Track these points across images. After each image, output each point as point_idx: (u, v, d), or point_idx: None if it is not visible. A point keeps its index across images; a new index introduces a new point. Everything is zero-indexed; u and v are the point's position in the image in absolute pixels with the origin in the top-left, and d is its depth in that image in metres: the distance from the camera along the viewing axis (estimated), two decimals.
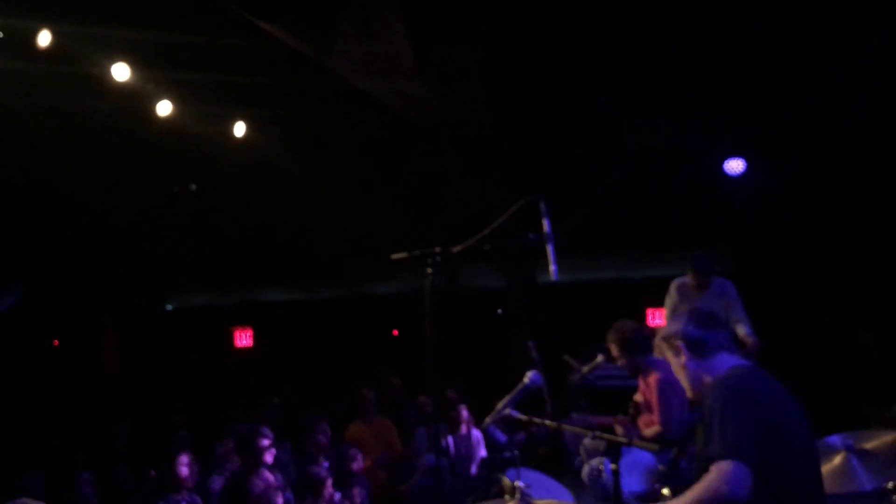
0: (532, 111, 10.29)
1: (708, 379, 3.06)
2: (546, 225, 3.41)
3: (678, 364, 3.20)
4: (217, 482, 6.62)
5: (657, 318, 10.66)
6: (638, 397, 5.64)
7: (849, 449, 3.73)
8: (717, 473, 2.77)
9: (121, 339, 15.16)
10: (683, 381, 3.21)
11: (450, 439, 7.71)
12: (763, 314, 7.95)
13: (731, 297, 6.88)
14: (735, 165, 10.32)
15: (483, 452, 7.99)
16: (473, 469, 7.77)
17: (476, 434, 8.04)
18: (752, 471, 2.74)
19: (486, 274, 13.60)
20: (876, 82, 9.05)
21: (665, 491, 3.10)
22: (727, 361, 3.12)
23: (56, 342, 15.42)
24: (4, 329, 12.67)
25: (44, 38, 6.75)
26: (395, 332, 14.60)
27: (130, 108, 8.27)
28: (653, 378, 5.49)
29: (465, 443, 7.93)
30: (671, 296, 7.01)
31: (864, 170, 9.75)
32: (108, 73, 7.49)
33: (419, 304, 3.48)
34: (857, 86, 9.11)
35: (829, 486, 3.21)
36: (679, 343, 3.16)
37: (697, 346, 3.14)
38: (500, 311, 13.37)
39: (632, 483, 4.65)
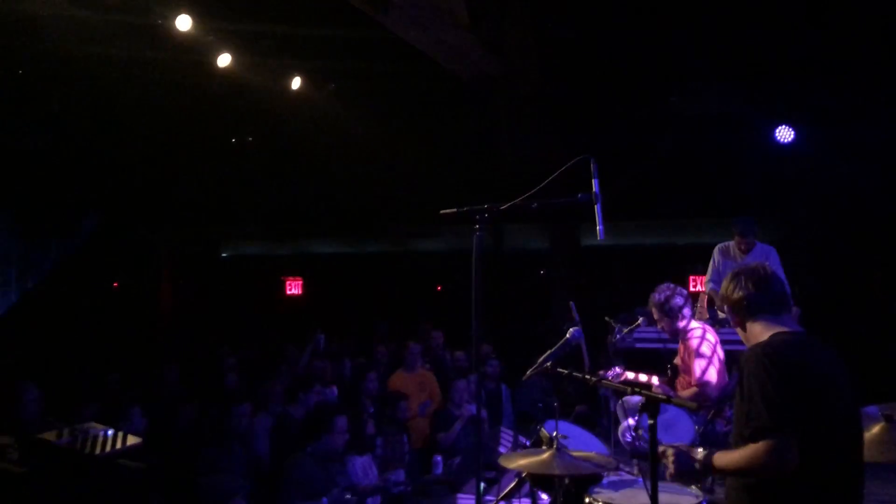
0: (584, 72, 10.22)
1: (764, 336, 3.03)
2: (595, 185, 3.47)
3: (738, 321, 3.16)
4: (265, 422, 6.92)
5: (699, 285, 10.65)
6: (677, 361, 5.73)
7: (888, 419, 3.74)
8: (765, 447, 2.79)
9: (177, 282, 15.70)
10: (742, 337, 3.16)
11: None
12: (809, 284, 7.92)
13: (774, 262, 6.91)
14: (785, 134, 10.16)
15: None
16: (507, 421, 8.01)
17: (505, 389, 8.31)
18: (796, 442, 2.78)
19: (530, 235, 13.68)
20: None
21: (699, 451, 3.12)
22: (788, 322, 3.12)
23: (116, 284, 16.01)
24: (68, 270, 13.17)
25: None
26: (439, 288, 14.83)
27: (192, 60, 8.48)
28: (692, 342, 5.58)
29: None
30: (714, 259, 7.20)
31: None
32: (172, 23, 7.71)
33: (463, 262, 3.57)
34: None
35: (868, 455, 3.22)
36: (743, 300, 3.13)
37: (767, 304, 3.12)
38: (542, 272, 13.46)
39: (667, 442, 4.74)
